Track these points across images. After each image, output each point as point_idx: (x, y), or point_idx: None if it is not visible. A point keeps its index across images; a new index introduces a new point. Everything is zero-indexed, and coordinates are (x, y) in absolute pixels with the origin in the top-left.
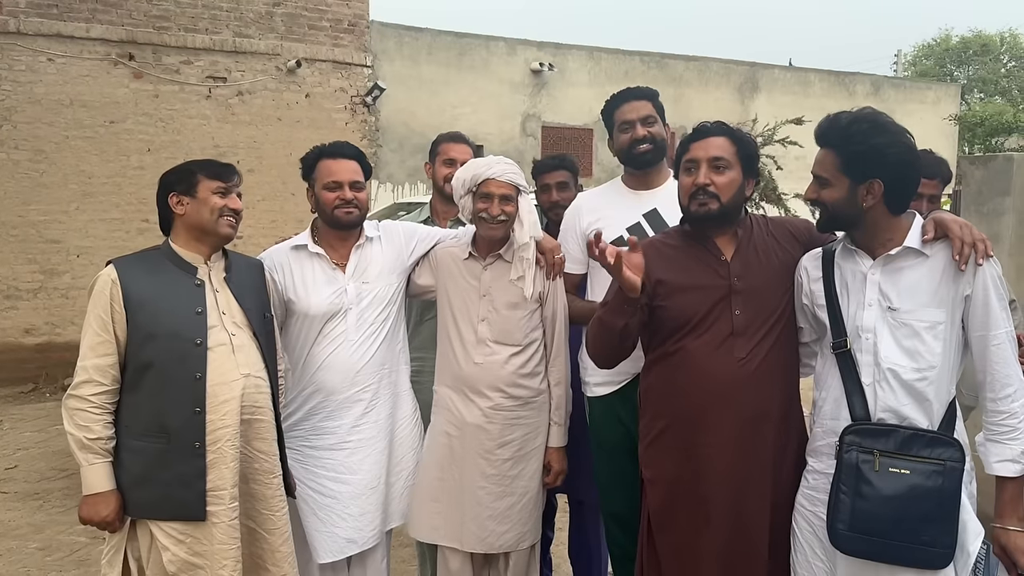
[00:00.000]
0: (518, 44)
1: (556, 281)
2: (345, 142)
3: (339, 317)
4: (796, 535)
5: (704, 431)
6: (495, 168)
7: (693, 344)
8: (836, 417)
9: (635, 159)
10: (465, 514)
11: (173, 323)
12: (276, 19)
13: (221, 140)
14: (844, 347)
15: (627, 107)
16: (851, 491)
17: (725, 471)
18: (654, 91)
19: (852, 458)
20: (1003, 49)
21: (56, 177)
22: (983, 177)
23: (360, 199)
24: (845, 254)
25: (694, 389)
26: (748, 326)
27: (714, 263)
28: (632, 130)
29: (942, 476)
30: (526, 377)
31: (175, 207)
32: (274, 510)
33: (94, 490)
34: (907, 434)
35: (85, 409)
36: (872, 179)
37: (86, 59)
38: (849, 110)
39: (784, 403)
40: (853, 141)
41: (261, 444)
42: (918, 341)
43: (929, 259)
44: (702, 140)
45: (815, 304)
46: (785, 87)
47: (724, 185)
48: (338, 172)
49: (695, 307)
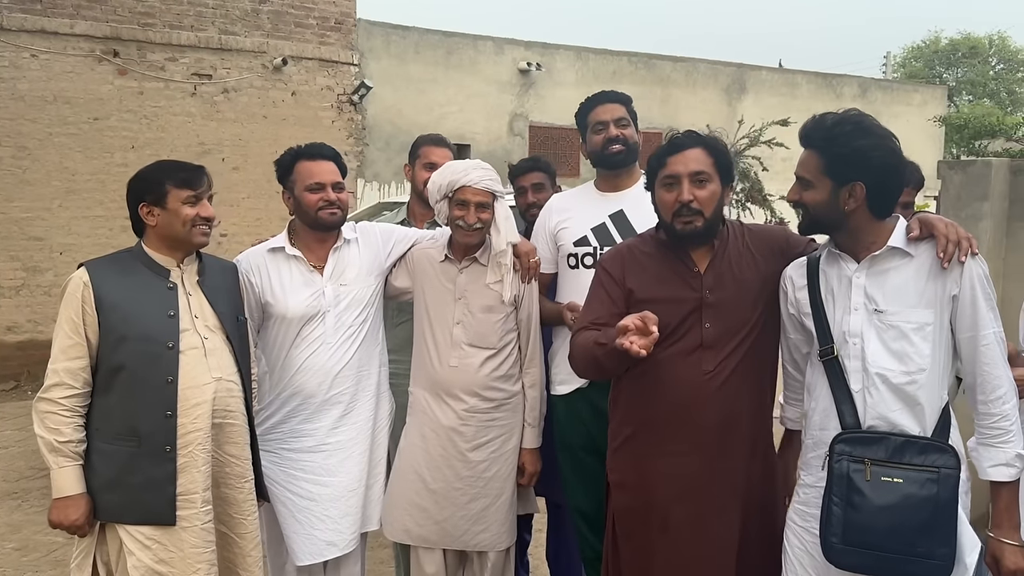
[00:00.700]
0: (506, 43)
1: (531, 284)
2: (322, 143)
3: (317, 320)
4: (787, 552)
5: (667, 440)
6: (472, 175)
7: (662, 355)
8: (825, 427)
9: (607, 160)
10: (439, 514)
11: (145, 326)
12: (262, 16)
13: (206, 137)
14: (831, 354)
15: (600, 109)
16: (843, 502)
17: (686, 481)
18: (627, 96)
19: (843, 468)
20: (991, 51)
21: (39, 174)
22: (962, 181)
23: (342, 200)
24: (830, 259)
25: (659, 399)
26: (718, 339)
27: (687, 275)
28: (605, 130)
29: (937, 484)
30: (501, 380)
31: (146, 218)
32: (245, 514)
33: (64, 493)
34: (899, 441)
35: (56, 412)
36: (855, 182)
37: (70, 55)
38: (835, 111)
39: (752, 416)
40: (837, 143)
41: (232, 448)
42: (906, 343)
43: (915, 259)
44: (679, 154)
45: (801, 313)
46: (772, 88)
47: (706, 199)
48: (319, 173)
49: (665, 318)
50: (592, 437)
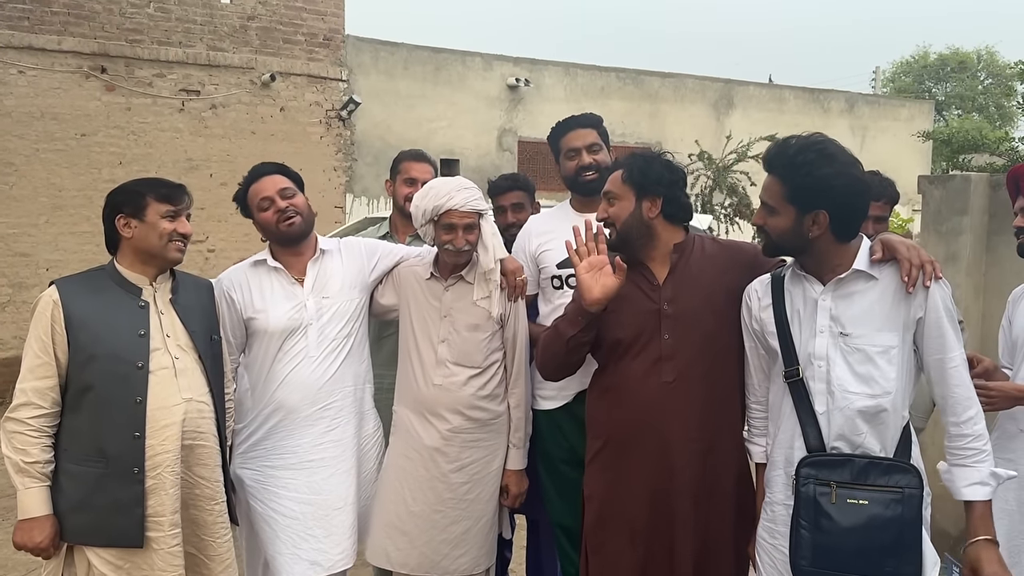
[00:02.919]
0: (494, 59)
1: (518, 303)
2: (264, 162)
3: (299, 333)
4: (759, 569)
5: (631, 454)
6: (456, 198)
7: (626, 366)
8: (791, 447)
9: (582, 186)
10: (419, 538)
11: (114, 345)
12: (251, 33)
13: (194, 153)
14: (796, 375)
15: (573, 135)
16: (811, 525)
17: (648, 495)
18: (598, 118)
19: (809, 491)
20: (980, 66)
21: (26, 190)
22: (942, 196)
23: (296, 204)
24: (794, 280)
25: (623, 411)
26: (677, 351)
27: (646, 286)
28: (578, 157)
29: (901, 504)
30: (486, 399)
31: (122, 230)
32: (216, 536)
33: (29, 515)
34: (863, 463)
35: (23, 432)
36: (818, 210)
37: (57, 72)
38: (803, 133)
39: (718, 429)
40: (799, 172)
41: (203, 470)
42: (872, 367)
43: (879, 282)
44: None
45: (765, 331)
46: (760, 104)
47: (615, 213)
48: (263, 189)
49: (625, 329)
50: (574, 451)
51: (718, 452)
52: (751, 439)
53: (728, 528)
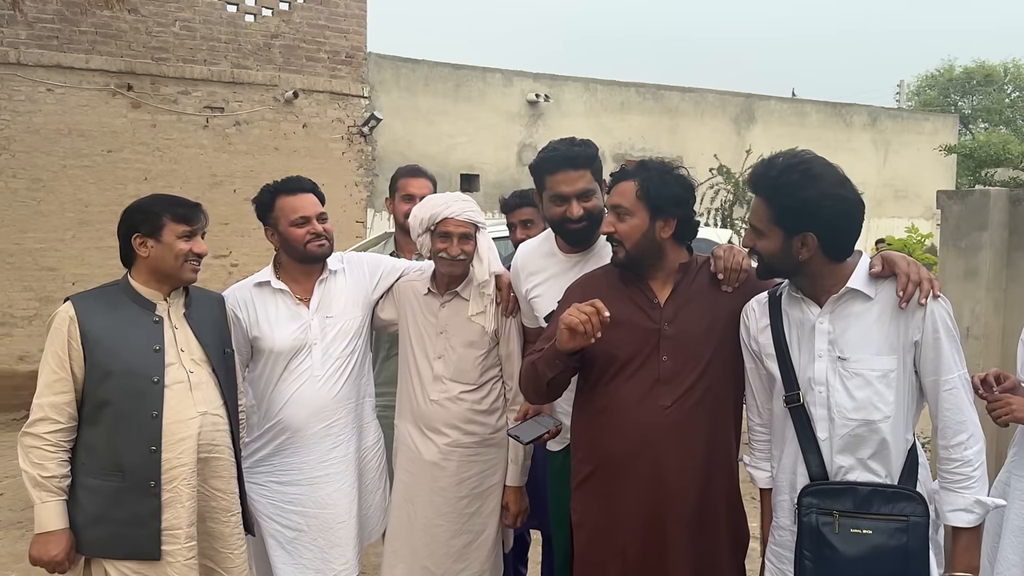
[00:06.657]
0: (514, 75)
1: (511, 320)
2: (299, 176)
3: (304, 353)
4: None
5: (624, 480)
6: (453, 207)
7: (620, 388)
8: (794, 472)
9: (569, 235)
10: (422, 551)
11: (130, 361)
12: (274, 51)
13: (218, 169)
14: (797, 400)
15: (562, 177)
16: (814, 556)
17: (641, 522)
18: (592, 154)
19: (812, 521)
20: (1007, 79)
21: (53, 205)
22: (961, 211)
23: (328, 230)
24: (791, 301)
25: (617, 436)
26: (676, 373)
27: (647, 306)
28: (567, 206)
29: (906, 534)
30: (483, 415)
31: (138, 248)
32: (232, 548)
33: (45, 528)
34: (866, 491)
35: (40, 447)
36: (805, 232)
37: (85, 89)
38: (791, 150)
39: (714, 455)
40: (782, 193)
41: (218, 482)
42: (871, 391)
43: (876, 303)
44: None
45: (763, 353)
46: (782, 118)
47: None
48: (303, 207)
49: (622, 349)
50: None
51: (714, 479)
52: (756, 464)
53: (721, 555)
